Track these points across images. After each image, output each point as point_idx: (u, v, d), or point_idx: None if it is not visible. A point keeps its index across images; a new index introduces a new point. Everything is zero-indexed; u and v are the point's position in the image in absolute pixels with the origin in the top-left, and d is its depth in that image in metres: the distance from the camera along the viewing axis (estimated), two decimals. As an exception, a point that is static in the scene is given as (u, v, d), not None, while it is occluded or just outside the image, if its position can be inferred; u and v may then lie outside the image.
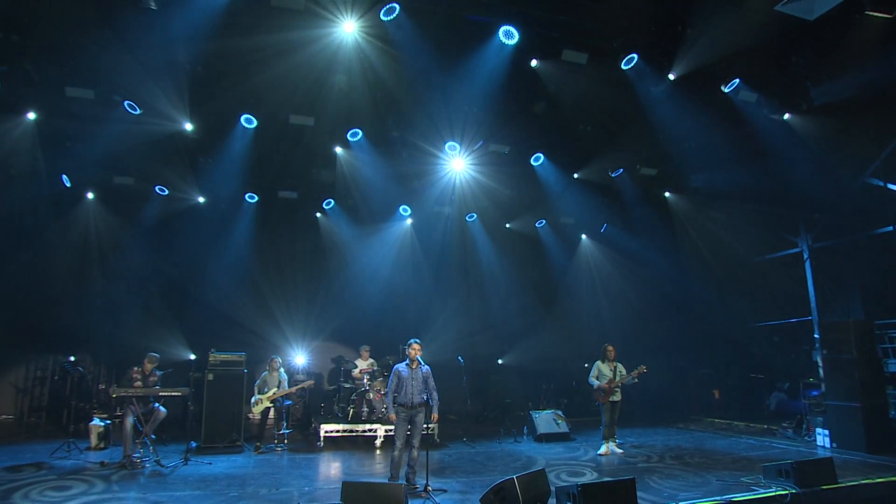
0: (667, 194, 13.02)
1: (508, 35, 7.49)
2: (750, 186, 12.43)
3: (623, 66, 8.23)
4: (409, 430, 7.44)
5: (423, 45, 7.71)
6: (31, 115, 9.11)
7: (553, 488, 6.36)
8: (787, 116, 9.44)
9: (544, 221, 14.89)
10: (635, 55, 8.12)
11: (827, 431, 9.99)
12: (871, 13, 6.75)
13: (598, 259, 15.90)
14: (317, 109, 9.34)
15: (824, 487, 6.93)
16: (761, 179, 12.15)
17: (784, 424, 11.80)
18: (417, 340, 7.69)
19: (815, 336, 12.20)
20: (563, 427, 11.31)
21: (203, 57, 8.10)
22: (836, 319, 11.68)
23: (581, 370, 12.15)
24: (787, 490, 6.74)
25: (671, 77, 8.28)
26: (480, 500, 6.38)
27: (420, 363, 7.48)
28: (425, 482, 6.84)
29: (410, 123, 9.99)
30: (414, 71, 8.13)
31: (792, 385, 14.12)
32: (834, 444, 9.79)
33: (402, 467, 7.30)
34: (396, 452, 7.24)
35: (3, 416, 12.08)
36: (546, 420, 11.38)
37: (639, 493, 6.68)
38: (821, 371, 10.94)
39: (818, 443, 10.17)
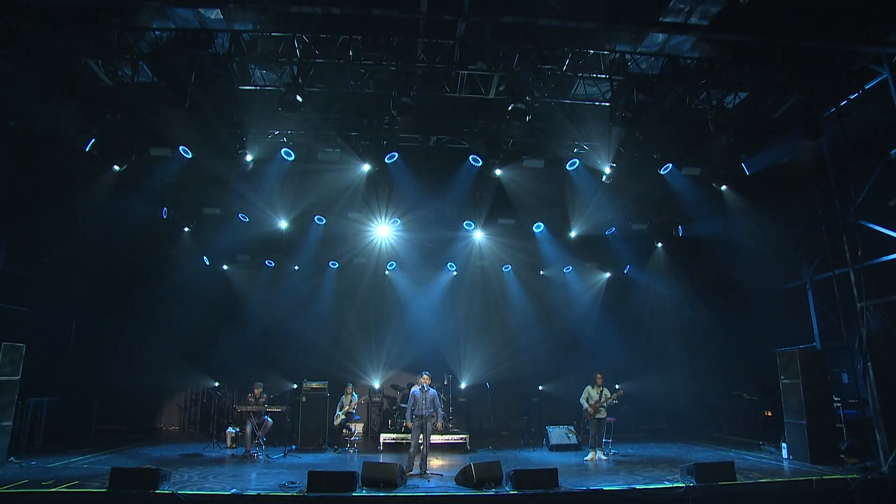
0: (658, 245, 15.34)
1: (476, 160, 10.89)
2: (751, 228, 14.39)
3: (568, 168, 11.21)
4: (420, 438, 10.72)
5: (425, 170, 11.43)
6: (186, 228, 14.11)
7: (504, 473, 9.36)
8: (724, 188, 11.69)
9: (571, 268, 17.61)
10: (577, 160, 11.07)
11: (786, 445, 11.79)
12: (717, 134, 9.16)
13: (626, 297, 18.19)
14: (364, 209, 13.33)
15: (721, 483, 9.18)
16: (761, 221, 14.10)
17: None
18: (427, 373, 11.07)
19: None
20: (574, 440, 13.93)
21: (284, 185, 12.44)
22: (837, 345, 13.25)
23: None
24: (683, 484, 9.11)
25: (606, 171, 11.06)
26: (454, 479, 9.58)
27: (426, 389, 10.82)
28: (425, 468, 10.16)
29: (431, 212, 13.62)
30: (423, 185, 11.80)
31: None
32: (791, 456, 11.59)
33: (417, 459, 10.61)
34: (412, 450, 10.62)
35: (172, 427, 17.24)
36: (559, 433, 14.06)
37: (569, 481, 9.45)
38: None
39: (784, 455, 11.95)
